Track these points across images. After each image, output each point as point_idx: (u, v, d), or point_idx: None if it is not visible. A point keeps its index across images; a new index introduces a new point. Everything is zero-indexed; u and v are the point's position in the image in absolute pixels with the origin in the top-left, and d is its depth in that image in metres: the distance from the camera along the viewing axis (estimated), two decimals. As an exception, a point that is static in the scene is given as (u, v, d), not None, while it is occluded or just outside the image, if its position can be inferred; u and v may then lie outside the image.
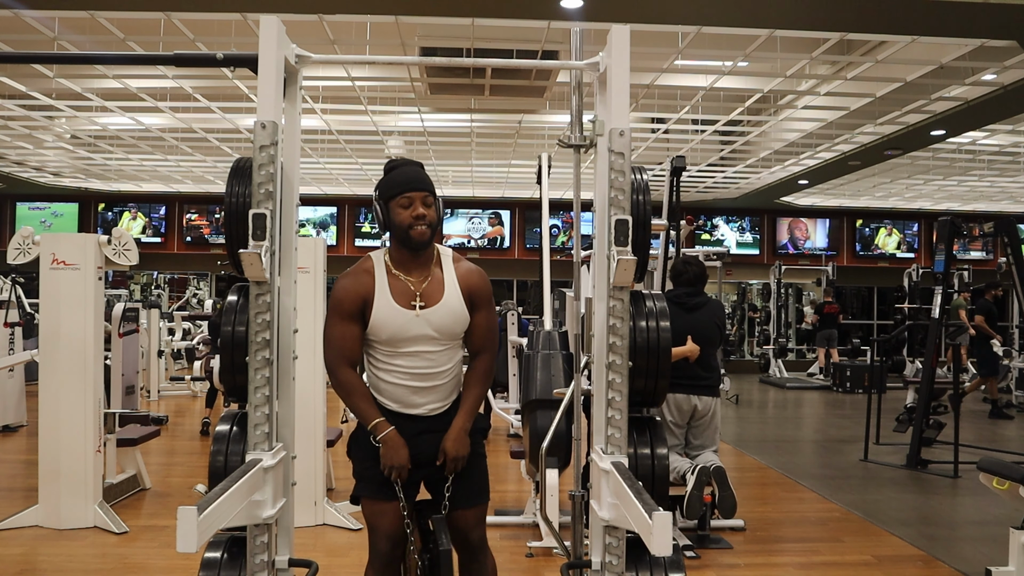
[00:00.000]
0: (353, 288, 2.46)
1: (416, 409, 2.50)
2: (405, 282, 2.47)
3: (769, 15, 5.99)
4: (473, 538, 2.58)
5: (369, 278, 2.47)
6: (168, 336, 11.66)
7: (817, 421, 10.21)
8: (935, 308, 6.87)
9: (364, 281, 2.46)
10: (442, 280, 2.50)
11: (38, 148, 11.50)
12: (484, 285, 2.57)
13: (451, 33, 6.65)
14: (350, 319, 2.45)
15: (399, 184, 2.46)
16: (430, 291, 2.48)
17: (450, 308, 2.48)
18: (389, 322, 2.44)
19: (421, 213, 2.43)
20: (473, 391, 2.56)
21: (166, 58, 3.14)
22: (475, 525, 2.58)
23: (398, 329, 2.44)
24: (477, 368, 2.58)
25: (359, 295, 2.45)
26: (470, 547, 2.59)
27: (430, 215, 2.44)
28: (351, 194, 15.48)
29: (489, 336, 2.58)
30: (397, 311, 2.44)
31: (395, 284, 2.47)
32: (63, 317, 4.64)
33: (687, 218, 6.77)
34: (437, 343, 2.48)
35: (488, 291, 2.57)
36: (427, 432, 2.50)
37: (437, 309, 2.46)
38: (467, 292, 2.51)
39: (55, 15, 6.24)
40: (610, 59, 2.37)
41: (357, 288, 2.45)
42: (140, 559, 4.18)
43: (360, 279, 2.47)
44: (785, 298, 15.12)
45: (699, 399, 4.53)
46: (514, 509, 5.07)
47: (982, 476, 3.69)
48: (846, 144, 10.30)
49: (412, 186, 2.45)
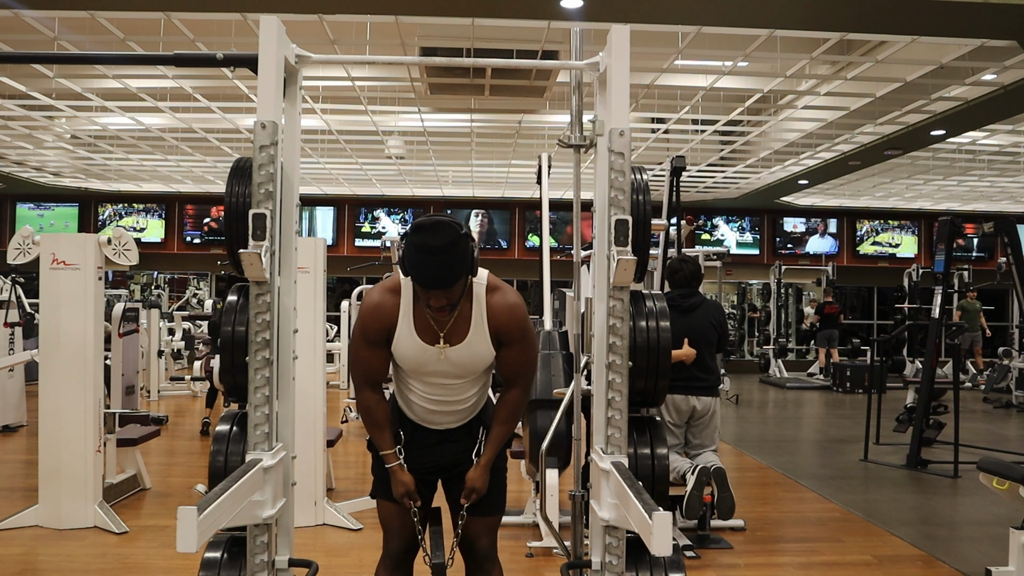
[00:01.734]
0: (378, 316, 2.38)
1: (436, 425, 2.53)
2: (430, 319, 2.36)
3: (769, 15, 5.99)
4: (479, 546, 2.56)
5: (395, 304, 2.37)
6: (168, 336, 11.66)
7: (817, 421, 10.21)
8: (935, 308, 6.87)
9: (389, 308, 2.37)
10: (469, 317, 2.37)
11: (38, 148, 11.50)
12: (514, 323, 2.39)
13: (451, 33, 6.65)
14: (375, 345, 2.40)
15: (417, 280, 2.24)
16: (455, 329, 2.37)
17: (472, 349, 2.38)
18: (410, 355, 2.40)
19: (439, 304, 2.27)
20: (501, 428, 2.48)
21: (166, 58, 3.15)
22: (484, 533, 2.56)
23: (419, 363, 2.41)
24: (507, 402, 2.47)
25: (383, 324, 2.38)
26: (476, 555, 2.57)
27: (452, 296, 2.27)
28: (351, 194, 15.48)
29: (522, 369, 2.45)
30: (419, 346, 2.37)
31: (420, 316, 2.37)
32: (63, 317, 4.63)
33: (687, 218, 6.77)
34: (459, 378, 2.44)
35: (520, 327, 2.41)
36: (447, 442, 2.53)
37: (459, 349, 2.38)
38: (494, 329, 2.38)
39: (55, 15, 6.24)
40: (610, 59, 2.37)
41: (382, 316, 2.38)
42: (140, 559, 4.18)
43: (386, 305, 2.38)
44: (785, 298, 15.11)
45: (698, 400, 4.53)
46: (514, 509, 5.06)
47: (982, 476, 3.69)
48: (846, 144, 10.30)
49: (431, 286, 2.22)
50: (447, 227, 2.20)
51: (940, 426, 6.93)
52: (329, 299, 7.00)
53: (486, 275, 2.41)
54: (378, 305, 2.39)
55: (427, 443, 2.51)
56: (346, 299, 9.87)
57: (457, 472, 2.54)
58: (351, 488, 5.66)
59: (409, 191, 15.22)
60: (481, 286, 2.38)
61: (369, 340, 2.39)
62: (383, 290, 2.41)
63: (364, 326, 2.40)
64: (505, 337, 2.39)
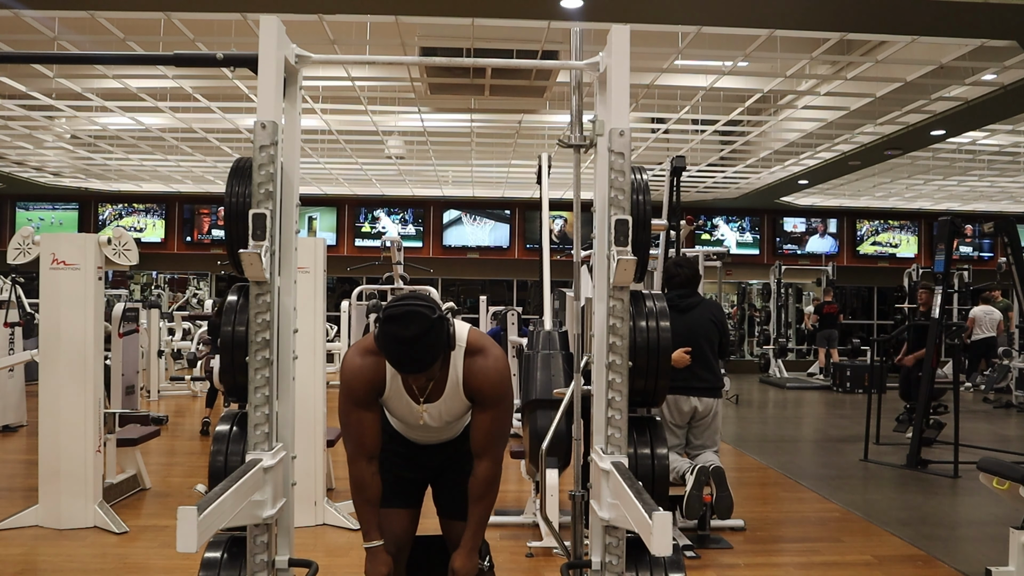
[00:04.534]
0: (363, 376, 2.37)
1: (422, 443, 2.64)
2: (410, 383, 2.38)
3: (769, 15, 5.99)
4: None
5: (377, 363, 2.36)
6: (168, 336, 11.65)
7: (817, 421, 10.21)
8: (935, 308, 6.87)
9: (373, 367, 2.37)
10: (445, 380, 2.39)
11: (38, 148, 11.51)
12: (487, 387, 2.37)
13: (451, 33, 6.65)
14: (365, 406, 2.38)
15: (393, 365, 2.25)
16: (433, 390, 2.41)
17: (450, 405, 2.44)
18: (398, 409, 2.49)
19: (419, 382, 2.35)
20: (479, 505, 2.43)
21: (166, 58, 3.14)
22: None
23: (406, 415, 2.50)
24: (478, 477, 2.42)
25: (371, 385, 2.38)
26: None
27: (430, 374, 2.28)
28: (351, 194, 15.48)
29: (492, 439, 2.41)
30: (405, 401, 2.44)
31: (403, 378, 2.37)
32: (63, 317, 4.63)
33: (687, 218, 6.77)
34: (440, 424, 2.51)
35: (495, 392, 2.38)
36: (431, 448, 2.62)
37: (437, 405, 2.44)
38: (468, 392, 2.40)
39: (55, 15, 6.24)
40: (610, 59, 2.37)
41: (367, 376, 2.37)
42: (140, 559, 4.18)
43: (368, 365, 2.37)
44: (785, 298, 15.12)
45: (699, 400, 4.52)
46: (514, 509, 5.07)
47: (982, 476, 3.69)
48: (846, 144, 10.30)
49: (407, 371, 2.24)
50: (418, 317, 2.15)
51: (940, 426, 6.93)
52: (329, 299, 7.01)
53: (466, 336, 2.39)
54: (361, 367, 2.37)
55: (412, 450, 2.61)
56: (346, 299, 9.87)
57: (446, 477, 2.60)
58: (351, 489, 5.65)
59: (409, 191, 15.23)
60: (460, 350, 2.37)
61: (359, 402, 2.37)
62: (363, 352, 2.38)
63: (351, 389, 2.36)
64: (479, 399, 2.40)
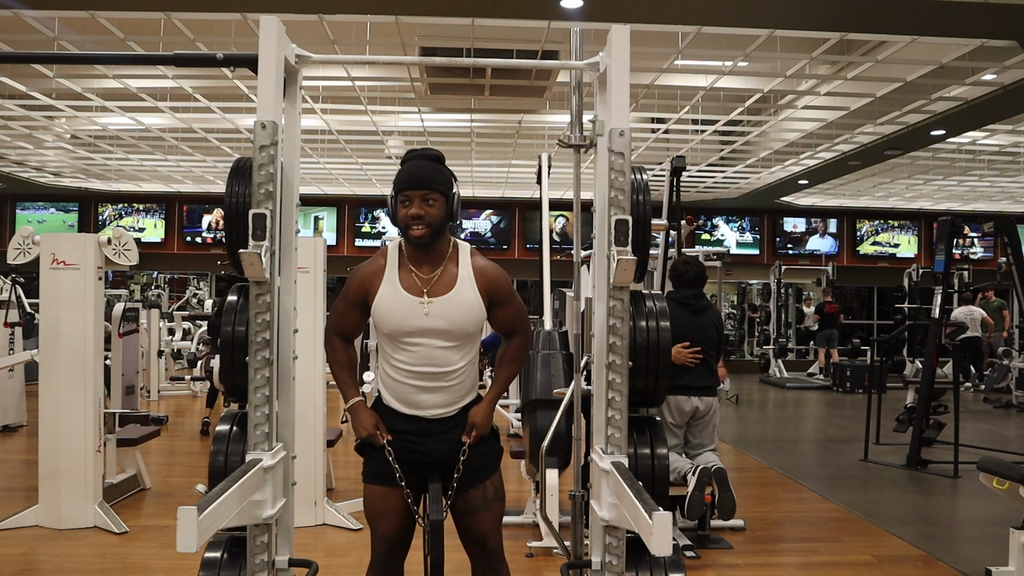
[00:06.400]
0: (361, 276, 2.47)
1: (420, 411, 2.43)
2: (415, 275, 2.42)
3: (769, 15, 5.99)
4: (491, 545, 2.51)
5: (380, 267, 2.45)
6: (168, 336, 11.65)
7: (817, 421, 10.21)
8: (935, 308, 6.87)
9: (373, 270, 2.46)
10: (456, 274, 2.43)
11: (38, 148, 11.50)
12: (503, 279, 2.49)
13: (451, 33, 6.65)
14: (352, 305, 2.48)
15: (399, 181, 2.41)
16: (441, 284, 2.41)
17: (462, 298, 2.40)
18: (392, 311, 2.38)
19: (416, 213, 2.36)
20: (507, 368, 2.57)
21: (166, 58, 3.15)
22: (492, 530, 2.51)
23: (401, 320, 2.38)
24: (512, 347, 2.57)
25: (364, 283, 2.45)
26: (487, 555, 2.51)
27: (430, 214, 2.36)
28: (351, 194, 15.48)
29: (519, 321, 2.54)
30: (402, 297, 2.39)
31: (405, 276, 2.43)
32: (63, 317, 4.63)
33: (687, 218, 6.76)
34: (445, 338, 2.39)
35: (508, 285, 2.50)
36: (432, 434, 2.43)
37: (447, 299, 2.39)
38: (484, 287, 2.44)
39: (55, 15, 6.24)
40: (610, 59, 2.37)
41: (364, 276, 2.46)
42: (140, 559, 4.18)
43: (370, 268, 2.48)
44: (785, 298, 15.11)
45: (700, 400, 4.54)
46: (514, 509, 5.07)
47: (982, 476, 3.68)
48: (846, 144, 10.30)
49: (410, 184, 2.38)
50: (434, 152, 2.48)
51: (940, 426, 6.93)
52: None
53: (470, 246, 2.54)
54: (360, 267, 2.51)
55: (412, 434, 2.43)
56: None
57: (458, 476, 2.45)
58: (351, 488, 5.65)
59: (409, 191, 15.21)
60: (465, 250, 2.51)
61: (348, 299, 2.49)
62: (372, 259, 2.52)
63: (347, 286, 2.51)
64: (496, 295, 2.47)
